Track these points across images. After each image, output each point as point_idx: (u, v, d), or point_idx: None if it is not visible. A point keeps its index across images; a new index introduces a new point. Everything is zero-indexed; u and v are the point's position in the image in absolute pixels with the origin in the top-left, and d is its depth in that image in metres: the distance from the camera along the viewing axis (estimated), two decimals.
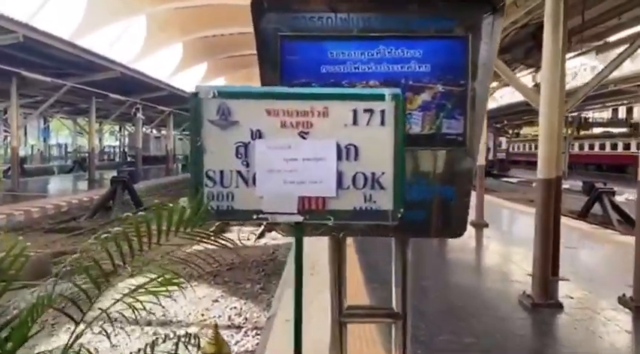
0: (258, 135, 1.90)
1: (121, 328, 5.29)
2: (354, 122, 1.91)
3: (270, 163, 1.90)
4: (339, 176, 1.91)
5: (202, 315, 5.53)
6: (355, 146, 1.91)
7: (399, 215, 1.92)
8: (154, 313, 5.72)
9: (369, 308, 3.04)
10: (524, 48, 7.17)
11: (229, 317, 5.51)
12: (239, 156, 1.90)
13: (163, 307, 5.59)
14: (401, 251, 2.64)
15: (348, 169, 1.92)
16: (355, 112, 1.91)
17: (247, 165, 1.91)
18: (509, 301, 5.13)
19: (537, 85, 7.59)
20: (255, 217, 1.91)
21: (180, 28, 30.51)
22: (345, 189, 1.92)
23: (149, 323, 5.31)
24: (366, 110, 1.91)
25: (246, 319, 5.47)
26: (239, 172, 1.91)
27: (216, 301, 5.99)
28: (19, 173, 19.15)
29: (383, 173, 1.91)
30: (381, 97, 1.90)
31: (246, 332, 5.08)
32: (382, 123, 1.91)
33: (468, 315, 4.63)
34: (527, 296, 4.96)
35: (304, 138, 1.91)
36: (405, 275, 2.66)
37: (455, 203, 2.50)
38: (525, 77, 11.10)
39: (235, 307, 5.80)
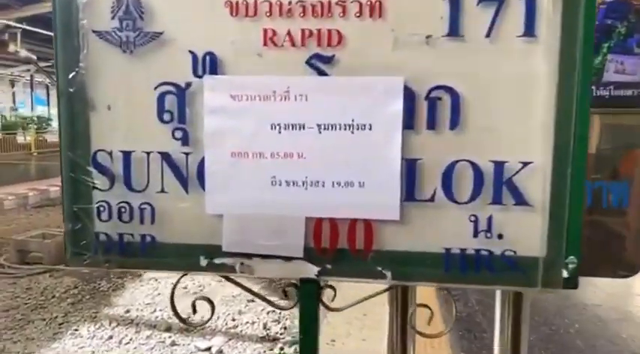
0: (209, 64, 0.77)
1: (137, 332, 4.51)
2: (452, 31, 0.73)
3: (240, 137, 0.77)
4: (410, 170, 0.75)
5: (233, 320, 4.57)
6: (454, 92, 0.73)
7: (569, 273, 0.73)
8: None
9: None
10: None
11: (264, 325, 4.51)
12: (166, 118, 0.79)
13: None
14: (514, 305, 1.42)
15: (435, 154, 0.75)
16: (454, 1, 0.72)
17: (186, 140, 0.79)
18: None
19: None
20: (204, 263, 0.81)
21: None
22: (424, 203, 0.76)
23: (169, 328, 4.42)
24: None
25: (285, 328, 4.44)
26: (166, 157, 0.80)
27: (252, 301, 5.02)
28: None
29: (526, 165, 0.73)
30: None
31: (282, 349, 4.06)
32: (530, 32, 0.71)
33: None
34: None
35: (323, 72, 0.76)
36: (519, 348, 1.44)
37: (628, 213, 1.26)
38: None
39: (274, 311, 4.80)
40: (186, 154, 0.79)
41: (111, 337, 4.30)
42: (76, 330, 4.47)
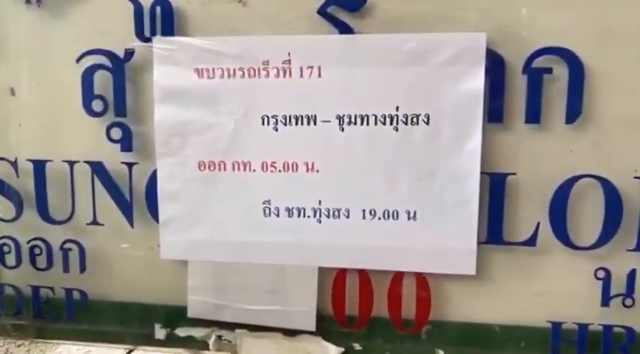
0: (162, 20, 0.48)
1: None
2: None
3: (212, 138, 0.47)
4: (496, 192, 0.45)
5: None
6: (575, 59, 0.43)
7: None
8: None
9: None
10: None
11: None
12: (96, 108, 0.50)
13: None
14: None
15: (539, 166, 0.45)
16: None
17: (128, 142, 0.50)
18: None
19: None
20: (161, 334, 0.52)
21: None
22: (518, 247, 0.45)
23: None
24: None
25: None
26: (98, 169, 0.51)
27: None
28: None
29: None
30: None
31: None
32: None
33: None
34: None
35: (346, 28, 0.45)
36: None
37: None
38: None
39: None
40: (130, 164, 0.50)
41: None
42: None
